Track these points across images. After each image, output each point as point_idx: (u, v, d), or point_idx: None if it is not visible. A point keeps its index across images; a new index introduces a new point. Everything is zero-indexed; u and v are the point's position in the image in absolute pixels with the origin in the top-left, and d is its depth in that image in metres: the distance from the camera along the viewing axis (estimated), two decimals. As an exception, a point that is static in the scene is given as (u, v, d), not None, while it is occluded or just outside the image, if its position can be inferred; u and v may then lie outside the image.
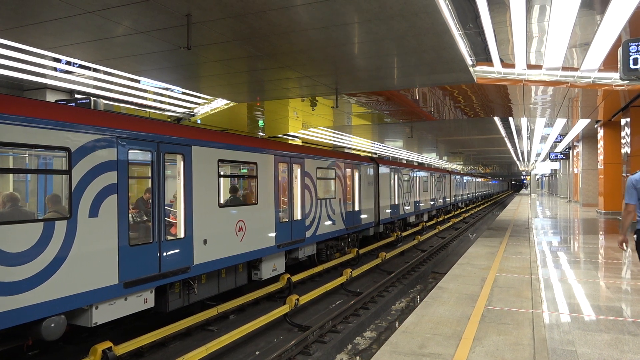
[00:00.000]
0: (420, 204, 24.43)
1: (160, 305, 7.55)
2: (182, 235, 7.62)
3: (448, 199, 33.87)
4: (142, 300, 6.92)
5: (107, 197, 6.29)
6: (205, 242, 8.01)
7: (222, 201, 8.83)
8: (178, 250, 7.46)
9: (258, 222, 9.69)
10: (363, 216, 15.73)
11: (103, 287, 6.16)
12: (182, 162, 7.70)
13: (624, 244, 5.78)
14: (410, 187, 22.37)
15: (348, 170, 14.70)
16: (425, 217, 26.28)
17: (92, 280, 6.04)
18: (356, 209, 15.19)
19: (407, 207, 21.63)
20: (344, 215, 14.00)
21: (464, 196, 43.40)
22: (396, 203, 19.73)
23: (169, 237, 7.39)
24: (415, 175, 23.63)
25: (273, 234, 10.21)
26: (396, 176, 19.97)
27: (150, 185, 7.16)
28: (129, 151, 6.73)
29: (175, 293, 7.85)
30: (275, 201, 10.37)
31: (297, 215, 11.39)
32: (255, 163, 9.80)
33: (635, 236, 5.57)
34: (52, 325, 5.59)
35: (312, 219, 11.97)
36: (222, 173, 8.76)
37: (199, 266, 7.87)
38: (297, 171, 11.55)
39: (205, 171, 8.18)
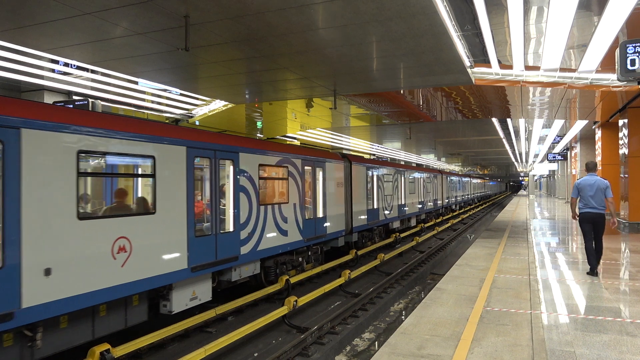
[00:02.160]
0: (406, 208, 22.05)
1: None
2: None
3: (440, 202, 31.55)
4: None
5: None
6: (48, 272, 5.56)
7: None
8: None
9: (155, 238, 7.08)
10: (329, 224, 13.23)
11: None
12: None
13: (575, 217, 8.97)
14: (393, 188, 20.08)
15: (308, 169, 12.26)
16: (413, 222, 24.02)
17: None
18: (319, 215, 12.71)
19: (388, 212, 19.16)
20: (301, 224, 11.56)
21: (459, 198, 41.01)
22: (375, 207, 17.38)
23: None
24: (399, 175, 21.35)
25: (183, 254, 7.56)
26: (375, 176, 17.67)
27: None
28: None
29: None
30: (187, 209, 7.70)
31: (228, 226, 8.92)
32: (152, 157, 7.19)
33: (580, 219, 8.74)
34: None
35: (251, 230, 9.48)
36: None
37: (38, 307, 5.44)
38: (229, 169, 9.11)
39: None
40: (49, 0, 6.62)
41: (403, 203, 21.63)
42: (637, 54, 7.59)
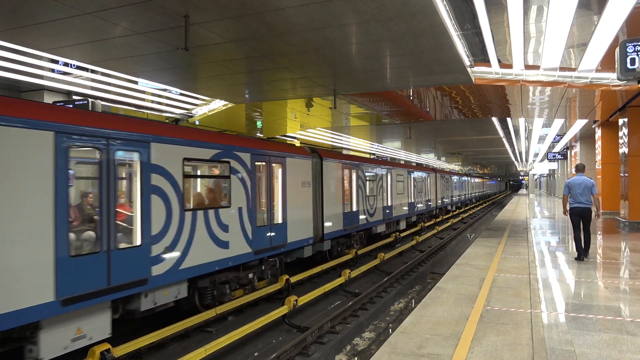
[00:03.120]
0: (393, 210, 19.90)
1: None
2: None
3: (433, 202, 29.41)
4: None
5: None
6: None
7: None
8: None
9: None
10: (291, 231, 11.09)
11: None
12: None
13: (566, 212, 10.32)
14: (378, 188, 17.99)
15: (260, 165, 10.19)
16: (402, 225, 21.90)
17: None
18: (277, 221, 10.62)
19: (371, 215, 17.05)
20: (250, 233, 9.46)
21: (455, 198, 38.70)
22: (354, 210, 15.31)
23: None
24: (385, 173, 19.16)
25: (46, 281, 5.53)
26: (354, 175, 15.61)
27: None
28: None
29: None
30: (55, 217, 5.63)
31: (132, 239, 6.88)
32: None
33: (569, 211, 10.05)
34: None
35: (170, 243, 7.43)
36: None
37: None
38: (134, 163, 6.98)
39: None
40: (48, 0, 6.62)
41: (389, 204, 19.44)
42: (637, 53, 7.58)
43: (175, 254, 7.55)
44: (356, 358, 8.07)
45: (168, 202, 7.45)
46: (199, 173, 9.33)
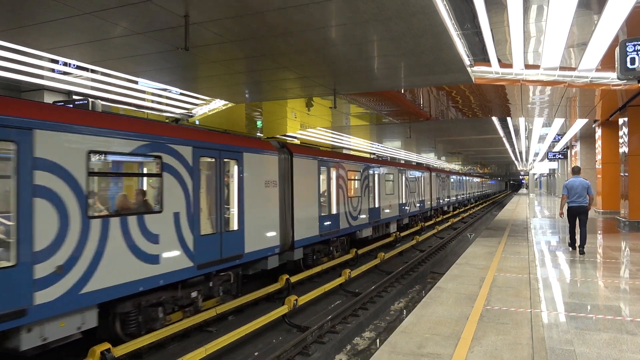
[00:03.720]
0: (382, 212, 18.20)
1: None
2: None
3: (429, 203, 27.67)
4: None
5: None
6: None
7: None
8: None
9: None
10: (251, 239, 9.45)
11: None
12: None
13: (561, 214, 11.17)
14: (363, 189, 16.28)
15: (207, 162, 8.62)
16: (393, 228, 20.22)
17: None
18: (232, 227, 9.07)
19: (354, 218, 15.21)
20: (191, 243, 7.84)
21: (453, 198, 36.83)
22: (333, 213, 13.69)
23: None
24: (371, 172, 17.27)
25: None
26: (334, 174, 13.97)
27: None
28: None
29: None
30: None
31: (9, 258, 5.36)
32: None
33: (566, 211, 10.98)
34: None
35: (66, 260, 5.85)
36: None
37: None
38: (12, 160, 5.41)
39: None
40: (48, 0, 6.62)
41: (377, 206, 17.71)
42: (637, 53, 7.57)
43: (75, 273, 5.94)
44: (356, 357, 8.07)
45: (63, 208, 5.85)
46: (113, 170, 7.86)
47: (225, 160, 9.03)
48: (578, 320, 5.99)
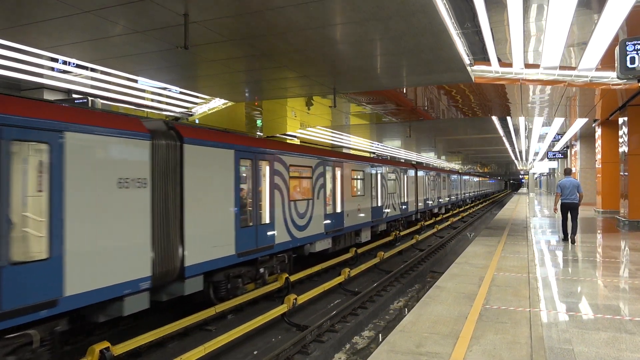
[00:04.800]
0: (346, 218, 14.60)
1: None
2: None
3: (413, 205, 23.58)
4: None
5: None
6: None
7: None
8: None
9: None
10: (79, 274, 5.99)
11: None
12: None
13: (555, 210, 13.05)
14: (316, 190, 12.93)
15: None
16: (366, 236, 16.53)
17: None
18: (34, 255, 5.68)
19: (300, 228, 11.86)
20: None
21: (444, 199, 32.91)
22: (265, 222, 10.35)
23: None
24: (328, 169, 13.78)
25: None
26: (266, 169, 10.57)
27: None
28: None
29: None
30: None
31: None
32: None
33: (560, 206, 12.69)
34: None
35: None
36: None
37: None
38: None
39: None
40: (48, -1, 6.62)
41: (338, 211, 14.16)
42: (637, 52, 7.57)
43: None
44: (355, 357, 8.07)
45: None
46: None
47: (11, 144, 5.41)
48: (577, 319, 5.99)
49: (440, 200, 31.13)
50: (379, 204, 18.08)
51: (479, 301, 6.83)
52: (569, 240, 12.39)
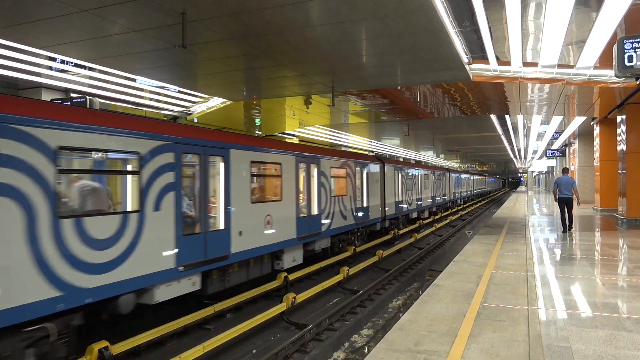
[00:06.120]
0: (241, 237, 9.23)
1: None
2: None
3: (378, 211, 18.09)
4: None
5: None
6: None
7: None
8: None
9: None
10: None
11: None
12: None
13: (556, 200, 14.35)
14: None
15: None
16: (287, 262, 11.29)
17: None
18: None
19: (133, 261, 6.80)
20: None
21: (427, 202, 27.38)
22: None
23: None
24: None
25: None
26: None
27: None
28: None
29: None
30: None
31: None
32: None
33: (558, 201, 14.21)
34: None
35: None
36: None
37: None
38: None
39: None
40: (45, -2, 6.61)
41: (219, 229, 8.80)
42: (635, 50, 7.59)
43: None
44: (354, 355, 8.09)
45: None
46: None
47: None
48: (575, 317, 6.01)
49: (420, 203, 25.19)
50: (315, 212, 12.74)
51: (477, 299, 6.84)
52: (567, 229, 14.10)
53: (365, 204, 16.53)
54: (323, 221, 13.12)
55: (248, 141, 10.20)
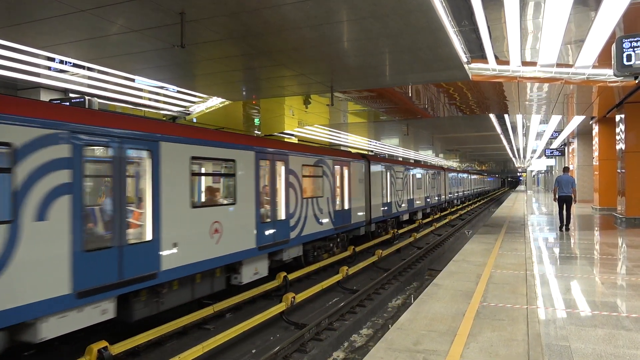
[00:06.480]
0: (171, 257, 7.42)
1: None
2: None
3: (362, 214, 16.36)
4: None
5: None
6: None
7: None
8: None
9: None
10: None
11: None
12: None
13: (555, 199, 14.76)
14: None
15: None
16: (251, 274, 9.81)
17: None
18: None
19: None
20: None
21: (420, 203, 25.54)
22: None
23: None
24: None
25: None
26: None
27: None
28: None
29: None
30: None
31: None
32: None
33: (558, 198, 14.55)
34: None
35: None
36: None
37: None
38: None
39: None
40: (44, -2, 6.60)
41: (146, 240, 7.11)
42: (633, 49, 7.59)
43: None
44: (354, 354, 8.09)
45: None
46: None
47: None
48: (574, 316, 6.01)
49: (412, 204, 23.81)
50: (282, 217, 10.97)
51: (476, 299, 6.84)
52: (564, 226, 14.55)
53: (346, 207, 14.90)
54: (292, 227, 11.37)
55: (187, 132, 8.30)
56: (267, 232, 10.24)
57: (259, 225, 9.90)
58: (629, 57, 7.66)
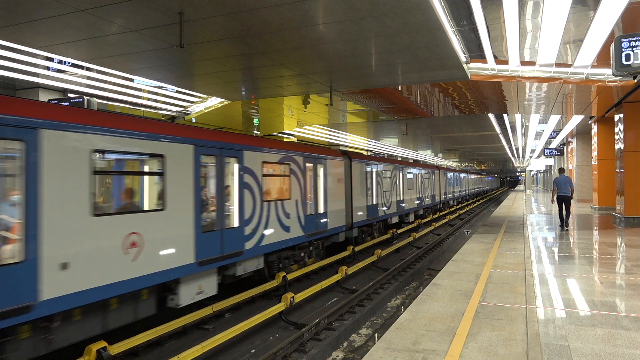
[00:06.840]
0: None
1: None
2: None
3: (342, 218, 14.74)
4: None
5: None
6: None
7: None
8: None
9: None
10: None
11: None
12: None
13: (553, 201, 15.31)
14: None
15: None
16: (208, 290, 8.53)
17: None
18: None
19: None
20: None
21: (415, 203, 24.51)
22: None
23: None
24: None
25: None
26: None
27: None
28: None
29: None
30: None
31: None
32: None
33: (556, 199, 15.12)
34: None
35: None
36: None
37: None
38: None
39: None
40: (42, -2, 6.59)
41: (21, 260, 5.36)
42: (632, 49, 7.61)
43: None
44: (353, 354, 8.09)
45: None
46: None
47: None
48: (573, 315, 6.02)
49: (402, 205, 22.10)
50: (235, 224, 9.29)
51: (475, 298, 6.84)
52: (564, 225, 15.09)
53: (321, 210, 13.15)
54: (248, 236, 9.58)
55: (87, 118, 6.32)
56: (210, 244, 8.37)
57: (199, 236, 8.06)
58: (627, 57, 7.67)
